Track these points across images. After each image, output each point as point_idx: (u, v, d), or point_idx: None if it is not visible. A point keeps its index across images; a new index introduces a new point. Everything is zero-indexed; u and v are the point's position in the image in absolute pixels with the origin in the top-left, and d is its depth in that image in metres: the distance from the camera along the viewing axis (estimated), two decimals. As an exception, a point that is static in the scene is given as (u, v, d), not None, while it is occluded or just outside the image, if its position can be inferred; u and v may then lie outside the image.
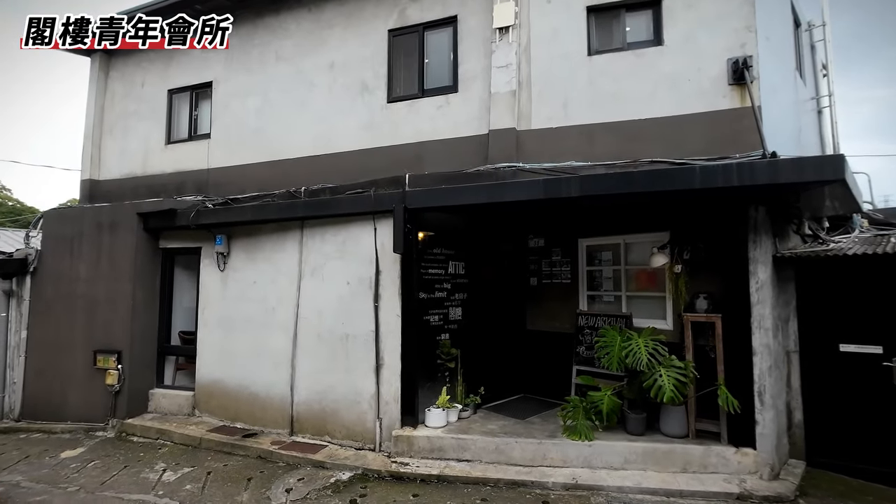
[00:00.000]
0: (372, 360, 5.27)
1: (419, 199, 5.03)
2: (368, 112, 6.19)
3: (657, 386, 4.49)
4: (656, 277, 5.62)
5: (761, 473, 4.35)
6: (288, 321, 5.85)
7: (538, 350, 6.56)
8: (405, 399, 5.12)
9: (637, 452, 4.58)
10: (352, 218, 5.55)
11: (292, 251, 5.95)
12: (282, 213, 5.84)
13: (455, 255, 5.88)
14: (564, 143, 5.18)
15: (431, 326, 5.54)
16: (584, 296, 6.19)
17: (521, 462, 4.70)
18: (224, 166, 7.00)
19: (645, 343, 4.71)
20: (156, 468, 5.10)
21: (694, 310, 4.92)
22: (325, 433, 5.47)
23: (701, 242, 5.13)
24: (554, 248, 6.53)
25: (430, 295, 5.54)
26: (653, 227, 5.53)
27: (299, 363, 5.73)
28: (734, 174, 3.88)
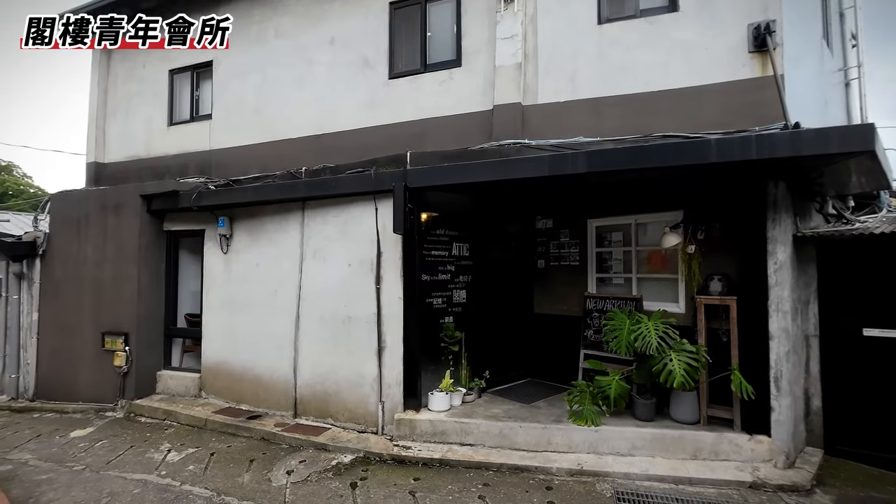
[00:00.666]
0: (374, 343, 5.18)
1: (420, 178, 4.86)
2: (370, 89, 6.00)
3: (667, 371, 4.32)
4: (668, 259, 5.39)
5: (776, 461, 4.18)
6: (290, 303, 5.79)
7: (545, 334, 6.41)
8: (408, 382, 5.04)
9: (645, 438, 4.44)
10: (353, 198, 5.42)
11: (294, 233, 5.86)
12: (282, 194, 5.73)
13: (459, 237, 5.72)
14: (572, 118, 4.95)
15: (435, 309, 5.42)
16: (593, 278, 5.99)
17: (525, 447, 4.60)
18: (226, 147, 6.90)
19: (655, 326, 4.52)
20: (161, 448, 5.13)
21: (708, 292, 4.70)
22: (327, 415, 5.44)
23: (716, 221, 4.88)
24: (562, 230, 6.33)
25: (433, 277, 5.40)
26: (665, 206, 5.29)
27: (302, 345, 5.68)
28: (753, 147, 3.63)
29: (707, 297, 4.66)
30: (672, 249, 5.17)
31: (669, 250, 5.20)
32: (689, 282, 5.00)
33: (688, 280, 4.98)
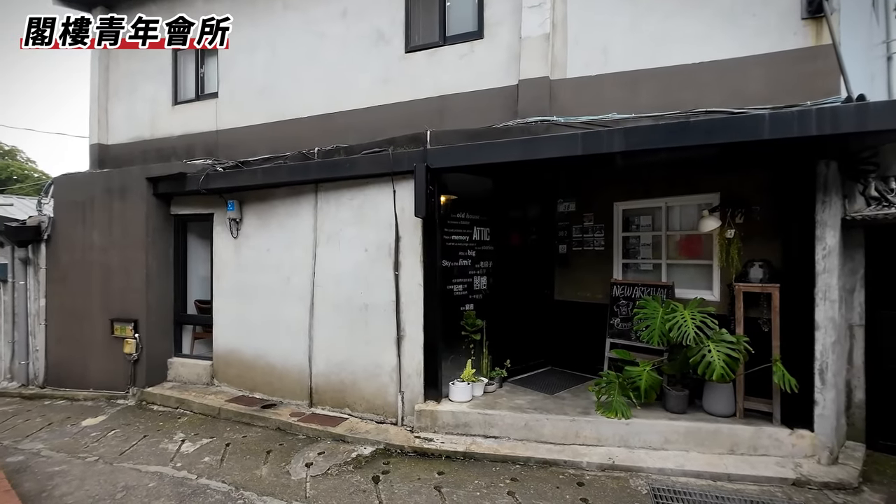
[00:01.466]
0: (392, 332, 4.97)
1: (442, 158, 4.58)
2: (384, 64, 5.67)
3: (706, 362, 4.09)
4: (702, 244, 5.12)
5: (819, 457, 3.98)
6: (304, 290, 5.58)
7: (567, 321, 6.19)
8: (428, 372, 4.85)
9: (679, 432, 4.24)
10: (368, 180, 5.15)
11: (306, 217, 5.61)
12: (294, 176, 5.47)
13: (480, 221, 5.46)
14: (604, 94, 4.63)
15: (455, 296, 5.19)
16: (619, 264, 5.73)
17: (552, 440, 4.41)
18: (233, 127, 6.62)
19: (692, 315, 4.28)
20: (174, 439, 4.99)
21: (747, 279, 4.44)
22: (344, 405, 5.27)
23: (756, 205, 4.59)
24: (586, 213, 6.04)
25: (453, 263, 5.17)
26: (700, 189, 4.99)
27: (316, 333, 5.49)
28: (812, 121, 3.32)
29: (746, 285, 4.40)
30: (707, 234, 4.90)
31: (705, 235, 4.92)
32: (725, 268, 4.73)
33: (724, 266, 4.71)
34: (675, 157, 4.31)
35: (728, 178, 4.75)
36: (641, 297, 5.12)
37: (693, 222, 5.12)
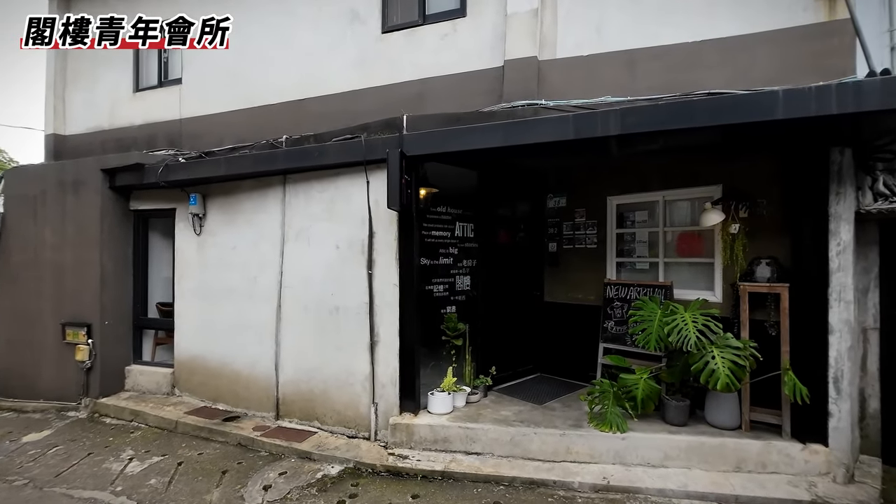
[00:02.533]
0: (365, 336, 4.52)
1: (419, 144, 4.14)
2: (360, 46, 5.24)
3: (709, 370, 3.69)
4: (702, 240, 4.74)
5: (834, 475, 3.59)
6: (271, 291, 5.10)
7: (557, 325, 5.78)
8: (404, 381, 4.40)
9: (680, 447, 3.83)
10: (340, 170, 4.70)
11: (274, 211, 5.14)
12: (260, 166, 4.99)
13: (463, 216, 5.03)
14: (598, 75, 4.23)
15: (435, 298, 4.75)
16: (613, 263, 5.33)
17: (541, 456, 3.98)
18: (198, 115, 6.13)
19: (693, 318, 3.88)
20: (122, 457, 4.48)
21: (753, 278, 4.06)
22: (313, 418, 4.79)
23: (761, 198, 4.22)
24: (577, 209, 5.64)
25: (433, 261, 4.73)
26: (700, 181, 4.61)
27: (284, 338, 5.01)
28: (832, 98, 2.94)
29: (752, 284, 4.02)
30: (709, 230, 4.52)
31: (706, 230, 4.54)
32: (728, 266, 4.35)
33: (727, 264, 4.33)
34: (675, 144, 3.92)
35: (731, 169, 4.38)
36: (638, 297, 4.72)
37: (693, 217, 4.75)
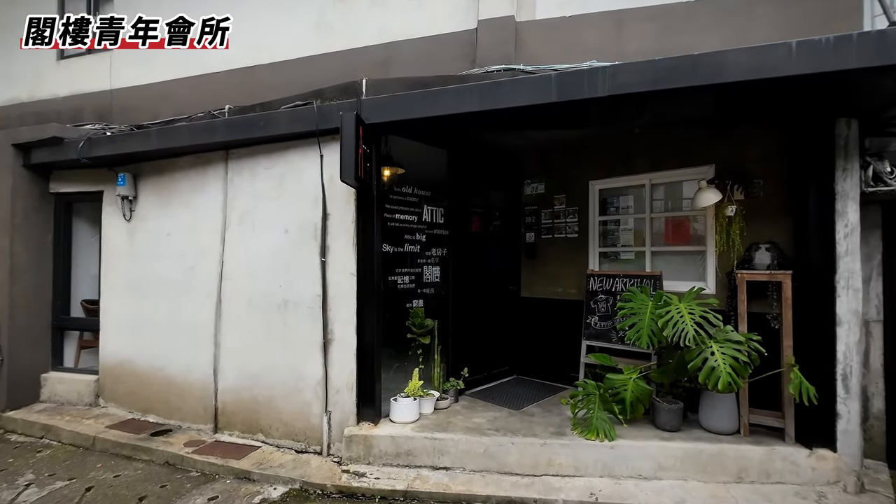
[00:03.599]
0: (318, 335, 3.90)
1: (379, 110, 3.59)
2: (318, 6, 4.65)
3: (708, 368, 3.26)
4: (691, 227, 4.35)
5: (844, 484, 3.21)
6: (210, 283, 4.42)
7: (535, 322, 5.30)
8: (362, 385, 3.81)
9: (675, 456, 3.38)
10: (290, 143, 4.09)
11: (215, 192, 4.47)
12: (197, 139, 4.32)
13: (432, 199, 4.49)
14: (582, 38, 3.79)
15: (399, 290, 4.19)
16: (596, 253, 4.89)
17: (519, 470, 3.46)
18: (132, 86, 5.40)
19: (689, 309, 3.45)
20: (18, 483, 3.70)
21: (752, 265, 3.67)
22: (257, 430, 4.13)
23: (758, 178, 3.85)
24: (557, 195, 5.19)
25: (397, 248, 4.16)
26: (691, 161, 4.22)
27: (225, 338, 4.33)
28: (853, 51, 2.55)
29: (751, 273, 3.63)
30: (701, 214, 4.13)
31: (698, 215, 4.15)
32: (723, 253, 3.95)
33: (722, 251, 3.93)
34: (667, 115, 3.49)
35: (724, 148, 4.00)
36: (624, 289, 4.28)
37: (683, 202, 4.36)
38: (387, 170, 4.08)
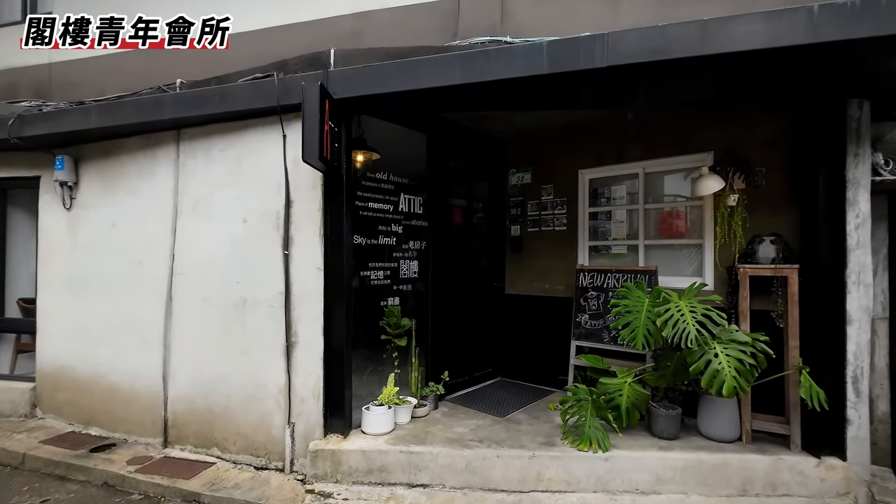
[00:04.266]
0: (280, 336, 3.48)
1: (350, 83, 3.18)
2: (282, -27, 4.19)
3: (711, 371, 2.96)
4: (687, 219, 4.07)
5: (855, 496, 2.97)
6: (159, 279, 3.93)
7: (520, 321, 4.98)
8: (331, 393, 3.40)
9: (674, 467, 3.09)
10: (249, 123, 3.64)
11: (165, 177, 3.98)
12: (144, 115, 3.82)
13: (409, 187, 4.10)
14: (575, 10, 3.45)
15: (373, 286, 3.79)
16: (586, 247, 4.59)
17: (505, 486, 3.12)
18: (74, 59, 4.82)
19: (690, 307, 3.15)
20: (-76, 511, 3.18)
21: (755, 259, 3.40)
22: (212, 444, 3.69)
23: (759, 165, 3.58)
24: (544, 185, 4.87)
25: (371, 240, 3.76)
26: (688, 148, 3.94)
27: (176, 340, 3.86)
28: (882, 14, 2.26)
29: (754, 267, 3.36)
30: (697, 206, 3.86)
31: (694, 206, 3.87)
32: (723, 246, 3.68)
33: (723, 244, 3.65)
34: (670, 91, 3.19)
35: (723, 133, 3.73)
36: (617, 286, 3.99)
37: (678, 192, 4.08)
38: (359, 154, 3.67)
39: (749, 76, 2.88)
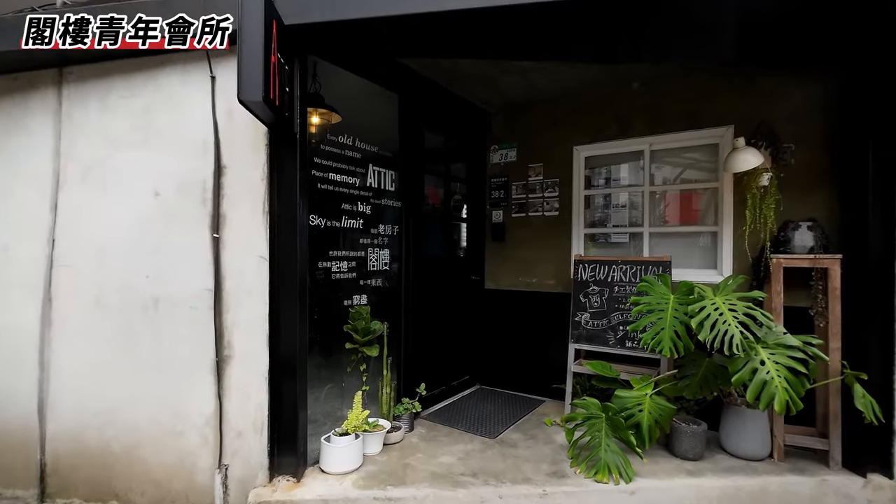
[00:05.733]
0: (208, 348, 2.58)
1: (307, 6, 2.33)
2: None
3: (758, 382, 2.45)
4: (699, 203, 3.59)
5: (906, 519, 2.58)
6: (34, 273, 2.87)
7: (502, 319, 4.35)
8: (279, 422, 2.57)
9: (710, 496, 2.57)
10: (164, 59, 2.69)
11: (42, 133, 2.91)
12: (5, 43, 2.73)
13: (381, 158, 3.29)
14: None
15: (335, 282, 2.96)
16: (581, 235, 4.01)
17: (511, 536, 2.45)
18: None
19: (730, 305, 2.62)
20: None
21: (789, 247, 2.94)
22: (111, 495, 2.72)
23: (788, 141, 3.14)
24: (532, 164, 4.24)
25: (332, 222, 2.93)
26: (702, 121, 3.44)
27: (58, 357, 2.83)
28: None
29: (790, 257, 2.90)
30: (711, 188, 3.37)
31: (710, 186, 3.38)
32: (742, 235, 3.20)
33: (750, 231, 3.16)
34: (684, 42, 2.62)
35: (745, 104, 3.27)
36: (624, 279, 3.43)
37: (690, 171, 3.59)
38: (317, 116, 2.82)
39: (787, 26, 2.37)
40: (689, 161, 3.61)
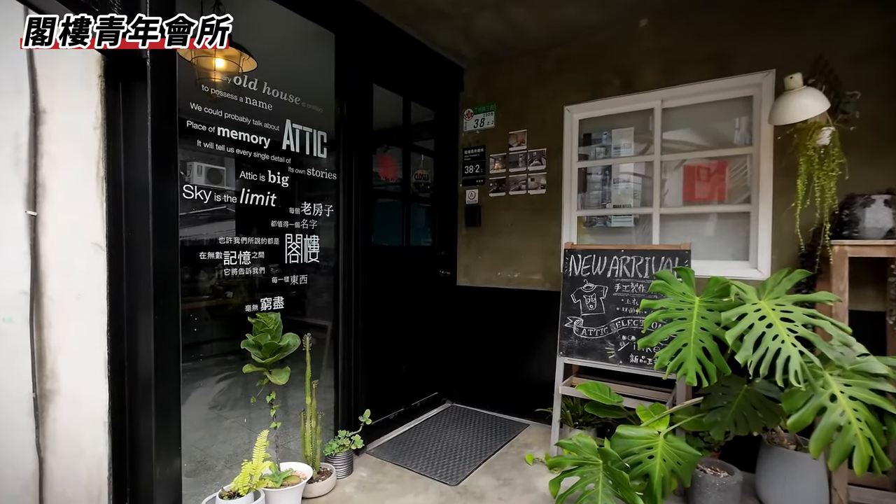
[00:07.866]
0: (22, 380, 1.76)
1: None
2: None
3: (828, 429, 1.65)
4: (726, 175, 2.77)
5: None
6: None
7: (477, 323, 3.55)
8: (130, 486, 1.76)
9: (752, 587, 1.79)
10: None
11: None
12: None
13: (304, 112, 2.45)
14: None
15: (230, 280, 2.14)
16: (574, 218, 3.19)
17: None
18: None
19: (783, 312, 1.82)
20: None
21: (856, 230, 2.14)
22: None
23: (851, 89, 2.32)
24: (513, 131, 3.41)
25: (222, 196, 2.10)
26: (729, 67, 2.62)
27: None
28: None
29: (858, 243, 2.10)
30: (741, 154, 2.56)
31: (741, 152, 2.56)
32: (810, 210, 2.38)
33: (803, 208, 2.33)
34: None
35: (795, 38, 2.44)
36: (629, 273, 2.63)
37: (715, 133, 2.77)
38: (219, 55, 1.99)
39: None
40: (713, 120, 2.79)
